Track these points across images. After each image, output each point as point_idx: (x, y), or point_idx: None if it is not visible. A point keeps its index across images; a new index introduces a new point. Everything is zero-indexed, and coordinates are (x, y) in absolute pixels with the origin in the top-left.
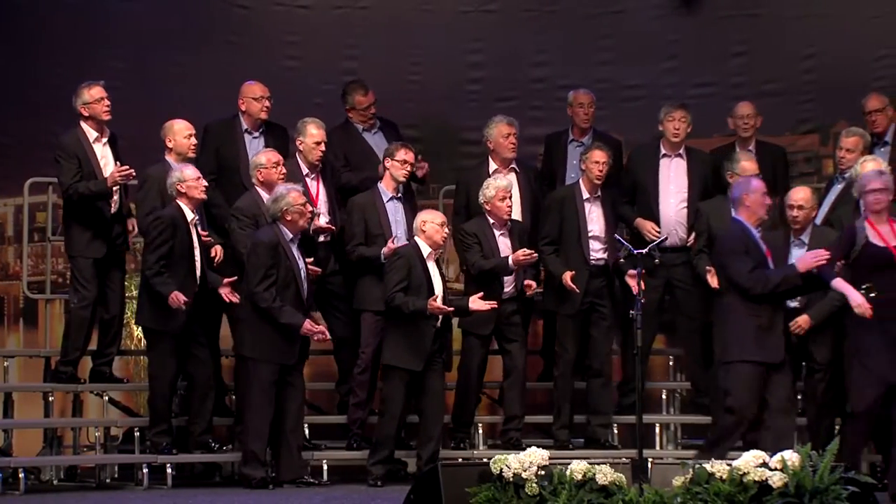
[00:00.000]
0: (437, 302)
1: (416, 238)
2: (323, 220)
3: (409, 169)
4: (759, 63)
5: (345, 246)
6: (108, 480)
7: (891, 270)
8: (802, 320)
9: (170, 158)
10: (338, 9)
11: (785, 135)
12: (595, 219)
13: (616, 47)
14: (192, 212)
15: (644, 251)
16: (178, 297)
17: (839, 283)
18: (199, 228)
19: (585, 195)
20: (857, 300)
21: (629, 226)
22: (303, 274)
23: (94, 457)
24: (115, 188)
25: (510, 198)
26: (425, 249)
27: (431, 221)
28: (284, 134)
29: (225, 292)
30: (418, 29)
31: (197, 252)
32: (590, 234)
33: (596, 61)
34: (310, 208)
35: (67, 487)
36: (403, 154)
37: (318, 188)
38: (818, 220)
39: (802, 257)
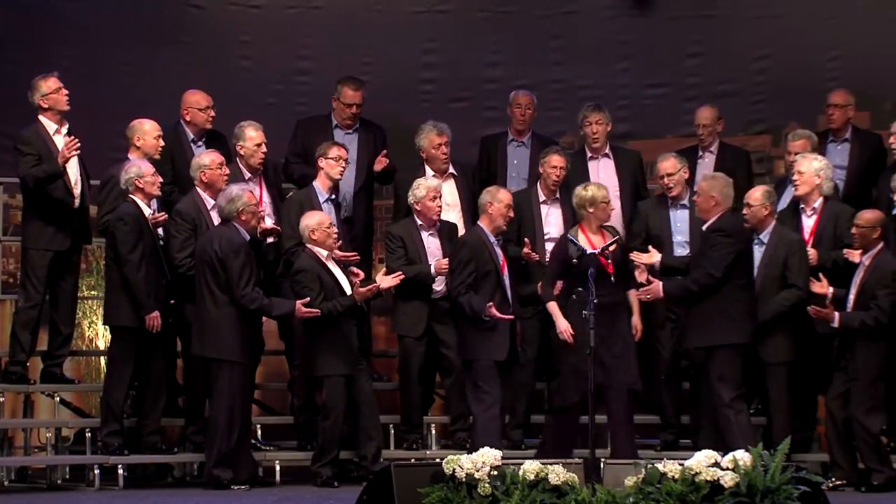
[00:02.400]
0: (362, 288)
1: (308, 245)
2: (269, 222)
3: (343, 166)
4: (713, 64)
5: (282, 244)
6: (59, 481)
7: (602, 276)
8: None
9: (133, 157)
10: (291, 9)
11: (738, 135)
12: (553, 221)
13: (569, 48)
14: (149, 207)
15: (597, 252)
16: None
17: (552, 307)
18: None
19: (542, 198)
20: (562, 326)
21: None
22: None
23: (45, 458)
24: (73, 166)
25: (440, 198)
26: (322, 253)
27: (319, 227)
28: (225, 140)
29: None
30: (371, 29)
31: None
32: (546, 237)
33: (549, 62)
34: (262, 210)
35: (18, 488)
36: (336, 151)
37: (261, 191)
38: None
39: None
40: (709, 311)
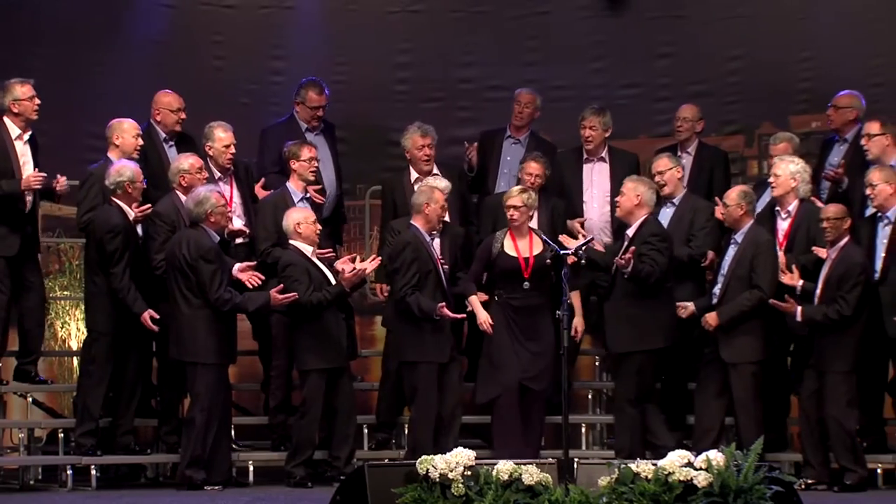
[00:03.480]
0: (348, 274)
1: (292, 242)
2: (238, 223)
3: (315, 166)
4: (685, 64)
5: (257, 246)
6: (31, 482)
7: (519, 279)
8: (710, 317)
9: (112, 156)
10: (264, 9)
11: (710, 136)
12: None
13: (543, 48)
14: (132, 210)
15: (570, 251)
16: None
17: (472, 301)
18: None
19: None
20: (482, 318)
21: None
22: None
23: (18, 458)
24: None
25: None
26: (307, 249)
27: (305, 221)
28: (195, 142)
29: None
30: (345, 29)
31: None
32: None
33: (523, 62)
34: (230, 208)
35: None
36: (308, 152)
37: (231, 191)
38: None
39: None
40: (641, 316)
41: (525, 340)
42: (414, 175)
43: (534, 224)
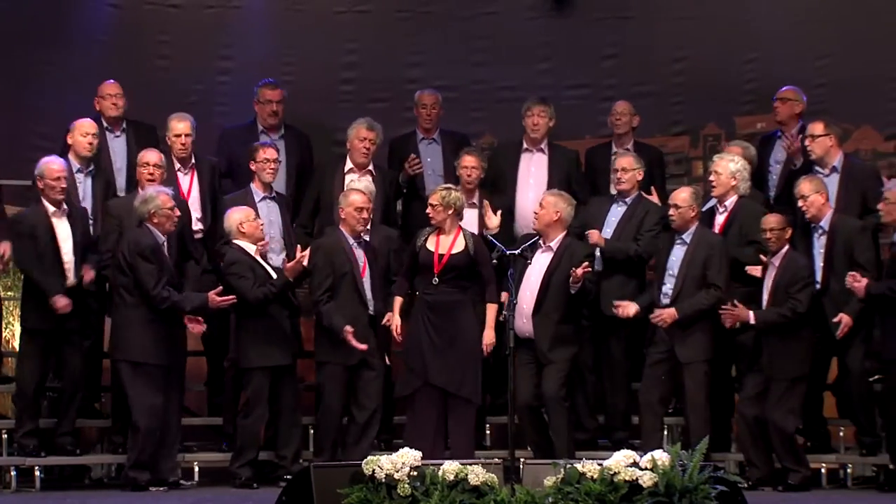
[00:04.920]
0: (289, 264)
1: (236, 241)
2: (194, 217)
3: (273, 167)
4: (631, 65)
5: (213, 245)
6: None
7: (430, 274)
8: (668, 313)
9: (71, 157)
10: (210, 8)
11: (655, 136)
12: (467, 224)
13: (490, 49)
14: (52, 205)
15: (517, 251)
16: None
17: (396, 301)
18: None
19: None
20: (394, 323)
21: None
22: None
23: None
24: None
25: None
26: (250, 248)
27: (247, 219)
28: (153, 132)
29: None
30: (292, 29)
31: (65, 246)
32: None
33: (470, 62)
34: (177, 213)
35: None
36: (263, 153)
37: (190, 183)
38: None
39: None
40: (567, 328)
41: (439, 339)
42: (348, 165)
43: (473, 220)
